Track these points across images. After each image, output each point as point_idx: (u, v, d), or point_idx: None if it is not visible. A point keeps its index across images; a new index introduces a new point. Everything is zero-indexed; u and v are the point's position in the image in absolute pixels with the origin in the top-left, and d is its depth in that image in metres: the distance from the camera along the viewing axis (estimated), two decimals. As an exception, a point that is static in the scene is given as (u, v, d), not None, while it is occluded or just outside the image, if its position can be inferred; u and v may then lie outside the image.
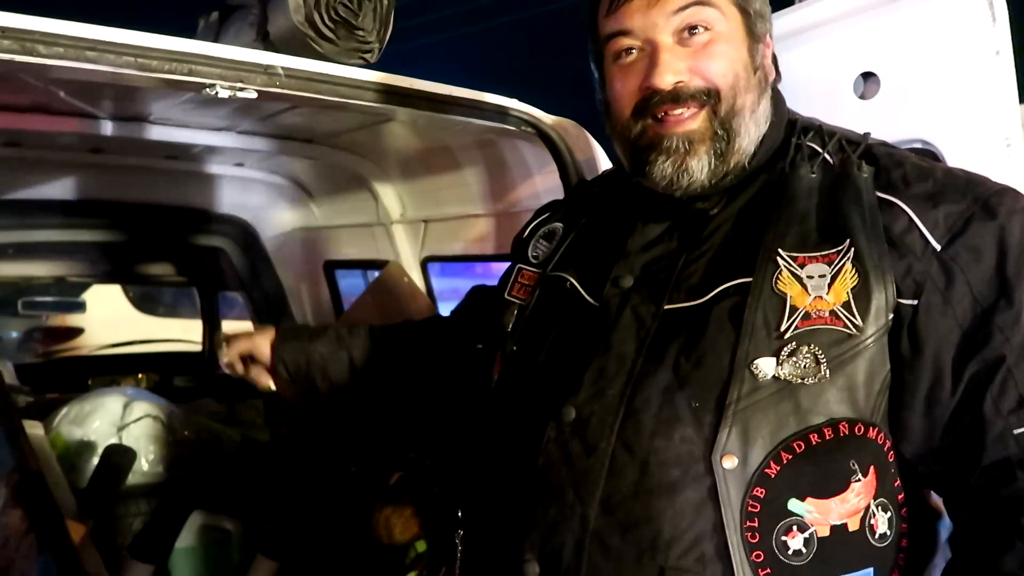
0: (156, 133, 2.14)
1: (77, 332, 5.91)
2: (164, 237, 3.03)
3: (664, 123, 0.99)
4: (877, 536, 0.92)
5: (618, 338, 0.98)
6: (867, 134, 1.05)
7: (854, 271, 0.92)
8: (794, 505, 0.89)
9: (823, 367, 0.89)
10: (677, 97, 0.98)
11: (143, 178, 2.73)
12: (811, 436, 0.89)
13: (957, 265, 0.90)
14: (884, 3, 1.25)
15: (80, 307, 4.41)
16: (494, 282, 1.35)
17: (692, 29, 0.98)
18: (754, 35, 1.02)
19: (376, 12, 1.53)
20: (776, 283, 0.93)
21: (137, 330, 5.03)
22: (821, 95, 1.27)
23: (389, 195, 2.55)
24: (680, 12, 0.97)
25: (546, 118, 1.69)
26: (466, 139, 1.99)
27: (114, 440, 2.06)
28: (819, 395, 0.90)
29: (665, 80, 0.97)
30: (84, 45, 1.19)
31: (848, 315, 0.91)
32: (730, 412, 0.89)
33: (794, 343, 0.90)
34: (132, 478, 1.99)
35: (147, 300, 6.57)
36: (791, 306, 0.92)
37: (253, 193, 2.98)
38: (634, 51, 1.00)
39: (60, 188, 2.70)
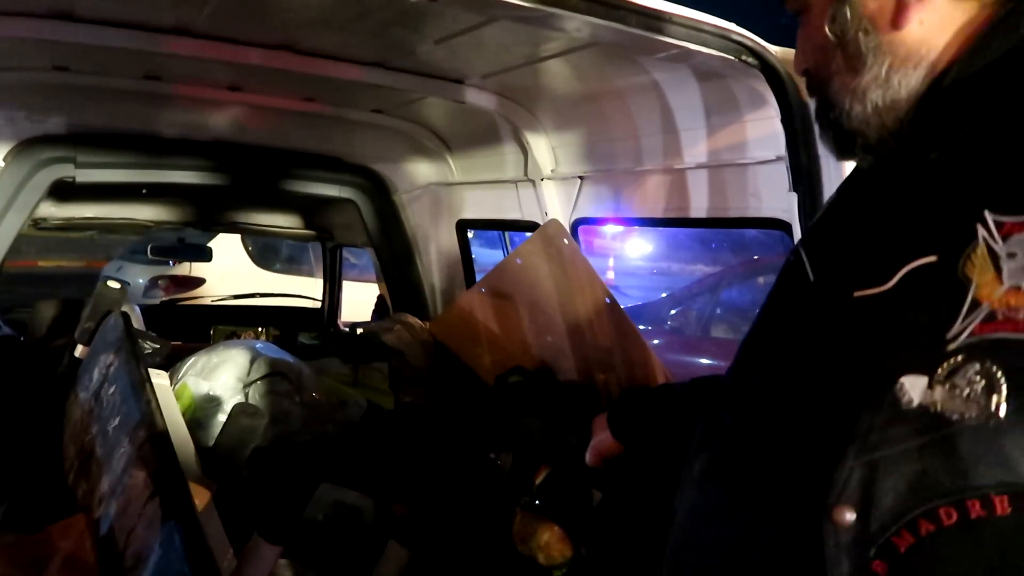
0: (298, 64, 1.94)
1: (199, 282, 6.03)
2: (295, 186, 2.87)
3: None
4: None
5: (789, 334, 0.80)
6: None
7: None
8: None
9: (999, 399, 0.58)
10: None
11: (278, 120, 2.56)
12: (971, 505, 0.59)
13: None
14: None
15: (206, 255, 4.42)
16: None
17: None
18: None
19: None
20: (964, 263, 0.62)
21: (257, 284, 5.05)
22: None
23: (541, 147, 2.29)
24: None
25: (773, 48, 1.37)
26: (650, 75, 1.69)
27: (239, 398, 1.90)
28: (990, 443, 0.59)
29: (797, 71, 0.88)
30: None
31: None
32: (854, 448, 0.64)
33: (960, 356, 0.60)
34: (258, 440, 1.81)
35: (266, 255, 6.65)
36: (972, 299, 0.61)
37: (389, 143, 2.77)
38: None
39: (194, 127, 2.57)
